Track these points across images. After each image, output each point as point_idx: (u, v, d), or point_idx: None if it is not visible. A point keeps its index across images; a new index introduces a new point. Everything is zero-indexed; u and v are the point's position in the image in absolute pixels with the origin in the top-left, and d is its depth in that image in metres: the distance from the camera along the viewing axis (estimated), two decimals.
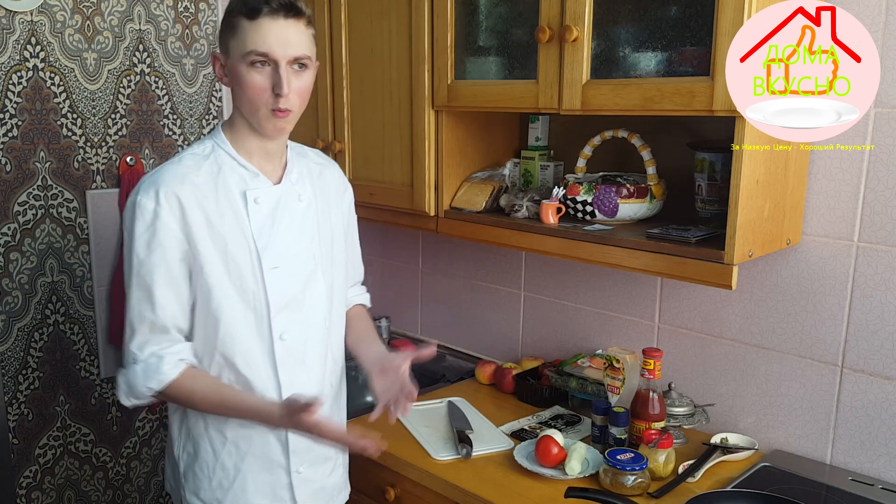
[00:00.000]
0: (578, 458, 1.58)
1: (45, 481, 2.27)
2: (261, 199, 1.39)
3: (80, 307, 2.26)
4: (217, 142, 1.41)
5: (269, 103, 1.32)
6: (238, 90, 1.34)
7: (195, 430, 1.46)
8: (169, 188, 1.32)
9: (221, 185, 1.37)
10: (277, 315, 1.40)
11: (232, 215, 1.37)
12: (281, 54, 1.29)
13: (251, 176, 1.40)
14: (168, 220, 1.32)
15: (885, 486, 1.53)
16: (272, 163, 1.44)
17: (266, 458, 1.46)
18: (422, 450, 1.73)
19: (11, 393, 2.16)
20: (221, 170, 1.38)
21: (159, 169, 1.37)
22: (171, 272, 1.34)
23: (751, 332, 1.73)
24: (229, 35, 1.32)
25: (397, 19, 1.90)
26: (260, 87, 1.31)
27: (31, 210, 2.14)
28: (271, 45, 1.29)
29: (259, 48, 1.29)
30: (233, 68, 1.33)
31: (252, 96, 1.32)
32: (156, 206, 1.31)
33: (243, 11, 1.29)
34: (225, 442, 1.44)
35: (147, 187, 1.34)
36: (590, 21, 1.52)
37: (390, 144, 2.00)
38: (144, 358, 1.36)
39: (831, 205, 1.58)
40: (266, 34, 1.28)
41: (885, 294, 1.53)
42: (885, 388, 1.55)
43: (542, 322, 2.17)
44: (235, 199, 1.38)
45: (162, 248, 1.32)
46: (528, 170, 1.97)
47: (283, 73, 1.30)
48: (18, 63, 2.06)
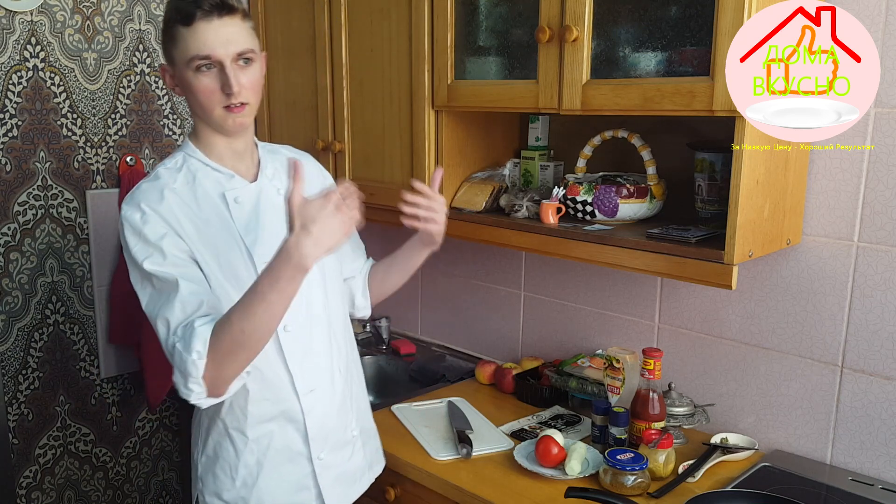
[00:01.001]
0: (578, 458, 1.58)
1: (45, 481, 2.27)
2: (241, 198, 1.41)
3: (80, 307, 2.26)
4: (187, 152, 1.43)
5: (221, 101, 1.33)
6: (190, 96, 1.36)
7: (214, 433, 1.47)
8: (150, 204, 1.34)
9: (200, 192, 1.39)
10: None
11: (216, 218, 1.38)
12: (223, 53, 1.30)
13: (226, 178, 1.42)
14: (157, 222, 1.33)
15: (885, 486, 1.53)
16: (244, 162, 1.45)
17: (287, 449, 1.47)
18: (422, 450, 1.73)
19: (11, 393, 2.16)
20: (196, 177, 1.40)
21: (138, 186, 1.39)
22: (177, 263, 1.32)
23: (751, 332, 1.73)
24: (171, 45, 1.34)
25: (397, 19, 1.90)
26: (209, 89, 1.32)
27: (31, 210, 2.14)
28: (212, 47, 1.30)
29: (200, 52, 1.30)
30: (181, 76, 1.34)
31: (203, 99, 1.34)
32: (142, 217, 1.33)
33: (178, 19, 1.30)
34: (246, 441, 1.45)
35: (129, 204, 1.35)
36: (590, 21, 1.52)
37: (390, 144, 2.00)
38: (180, 335, 1.29)
39: (831, 205, 1.58)
40: (204, 37, 1.29)
41: (885, 294, 1.53)
42: (885, 388, 1.55)
43: (542, 322, 2.17)
44: (216, 202, 1.39)
45: (158, 248, 1.32)
46: (528, 170, 1.97)
47: (229, 71, 1.31)
48: (18, 63, 2.06)
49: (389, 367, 2.40)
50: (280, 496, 1.48)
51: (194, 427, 1.54)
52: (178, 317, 1.30)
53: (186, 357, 1.25)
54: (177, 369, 1.30)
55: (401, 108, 1.95)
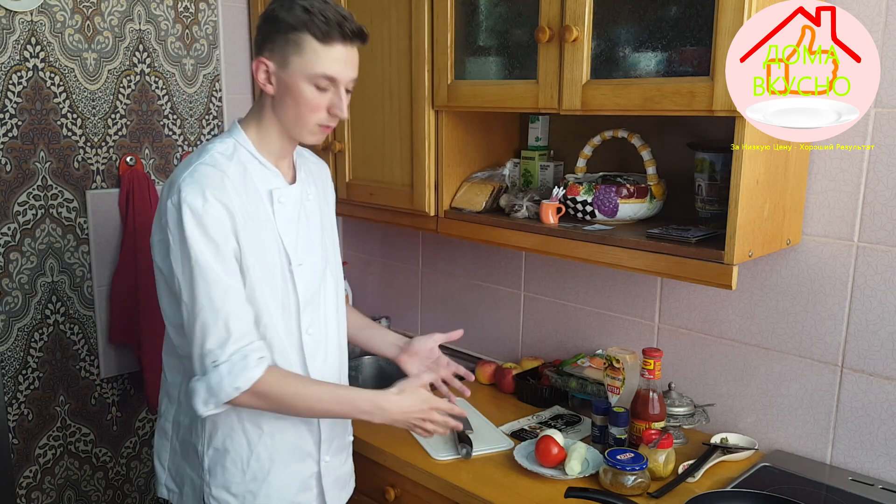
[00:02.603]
0: (578, 458, 1.58)
1: (45, 481, 2.27)
2: (284, 199, 1.43)
3: (80, 307, 2.26)
4: (238, 140, 1.42)
5: (322, 119, 1.37)
6: (290, 102, 1.36)
7: (225, 425, 1.45)
8: (214, 190, 1.32)
9: (250, 185, 1.39)
10: (304, 310, 1.45)
11: (262, 215, 1.39)
12: (346, 79, 1.36)
13: (273, 176, 1.43)
14: (219, 217, 1.32)
15: (885, 486, 1.53)
16: (286, 164, 1.47)
17: (299, 448, 1.49)
18: (422, 450, 1.73)
19: (11, 393, 2.16)
20: (247, 170, 1.39)
21: (195, 169, 1.35)
22: (229, 267, 1.33)
23: (751, 332, 1.73)
24: (292, 50, 1.33)
25: (397, 19, 1.90)
26: (319, 105, 1.36)
27: (31, 210, 2.14)
28: (341, 72, 1.34)
29: (328, 72, 1.33)
30: (290, 82, 1.34)
31: (305, 112, 1.36)
32: (204, 204, 1.30)
33: (315, 33, 1.31)
34: (261, 434, 1.45)
35: (191, 187, 1.32)
36: (590, 21, 1.52)
37: (390, 144, 2.00)
38: (227, 358, 1.32)
39: (831, 205, 1.58)
40: (338, 60, 1.33)
41: (885, 294, 1.53)
42: (885, 388, 1.55)
43: (542, 322, 2.17)
44: (263, 198, 1.40)
45: (215, 244, 1.32)
46: (528, 170, 1.97)
47: (343, 96, 1.36)
48: (18, 63, 2.06)
49: (389, 368, 2.39)
50: (287, 493, 1.50)
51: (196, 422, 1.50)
52: (223, 335, 1.32)
53: (227, 384, 1.31)
54: (206, 384, 1.33)
55: (401, 108, 1.95)
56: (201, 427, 1.49)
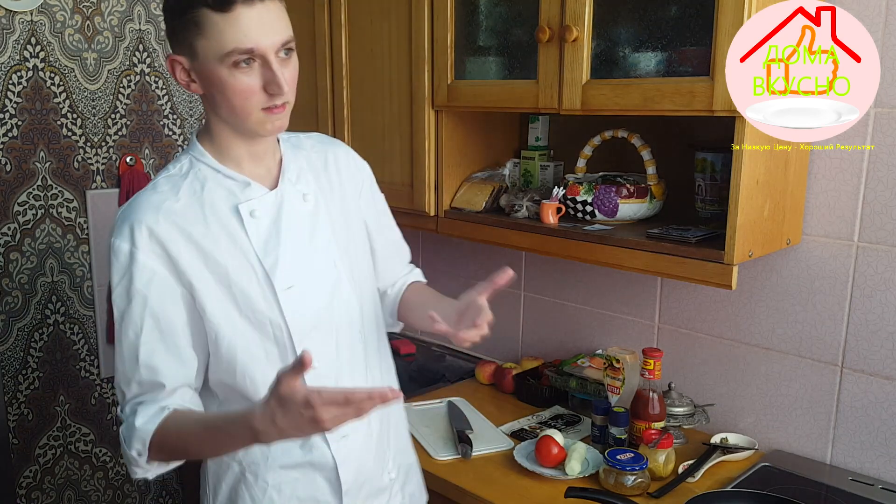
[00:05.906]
0: (578, 458, 1.58)
1: (45, 481, 2.27)
2: (257, 212, 1.19)
3: (80, 307, 2.26)
4: (194, 155, 1.21)
5: (261, 103, 1.12)
6: (219, 96, 1.12)
7: (228, 476, 1.27)
8: (143, 224, 1.13)
9: (208, 204, 1.17)
10: (302, 341, 1.20)
11: (227, 237, 1.17)
12: (268, 45, 1.08)
13: (241, 187, 1.19)
14: (147, 262, 1.13)
15: (885, 486, 1.53)
16: (263, 166, 1.23)
17: (313, 499, 1.27)
18: (422, 450, 1.73)
19: (11, 393, 2.16)
20: (205, 187, 1.18)
21: (132, 200, 1.18)
22: (160, 324, 1.14)
23: (751, 332, 1.73)
24: (194, 33, 1.08)
25: (397, 19, 1.90)
26: (249, 89, 1.10)
27: (31, 210, 2.14)
28: (256, 38, 1.07)
29: (242, 44, 1.06)
30: (207, 72, 1.10)
31: (240, 102, 1.11)
32: (131, 248, 1.12)
33: (209, 3, 1.05)
34: (266, 488, 1.25)
35: (120, 225, 1.15)
36: (590, 21, 1.52)
37: (390, 144, 2.00)
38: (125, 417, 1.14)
39: (831, 205, 1.58)
40: (247, 26, 1.06)
41: (885, 294, 1.53)
42: (885, 388, 1.55)
43: (542, 322, 2.17)
44: (227, 217, 1.17)
45: (142, 296, 1.13)
46: (528, 170, 1.97)
47: (274, 67, 1.09)
48: (18, 63, 2.06)
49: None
50: None
51: (201, 472, 1.34)
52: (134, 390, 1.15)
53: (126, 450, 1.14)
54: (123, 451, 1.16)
55: (401, 109, 1.95)
56: (203, 478, 1.32)
